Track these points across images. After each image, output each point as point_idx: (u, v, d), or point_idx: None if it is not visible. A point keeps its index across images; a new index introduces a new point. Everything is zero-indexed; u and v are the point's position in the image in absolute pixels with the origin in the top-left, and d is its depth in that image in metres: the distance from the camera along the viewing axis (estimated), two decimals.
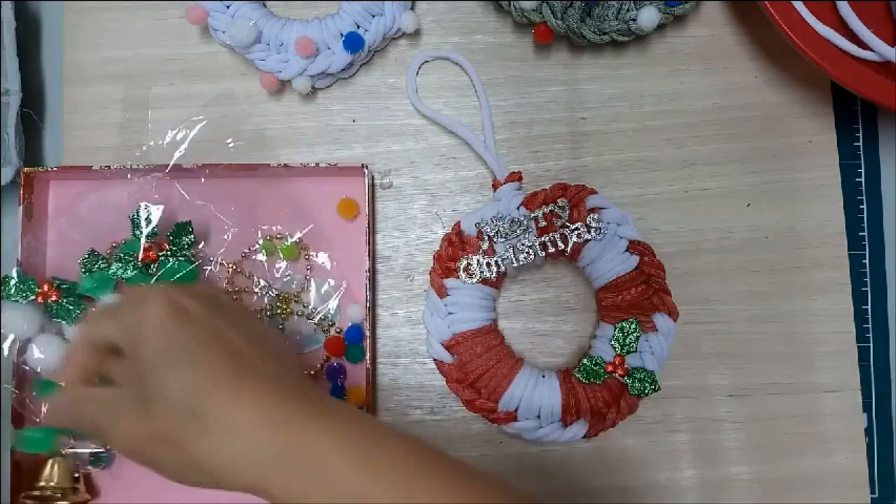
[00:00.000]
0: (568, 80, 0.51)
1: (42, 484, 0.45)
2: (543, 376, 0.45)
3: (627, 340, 0.45)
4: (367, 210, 0.47)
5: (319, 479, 0.29)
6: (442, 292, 0.46)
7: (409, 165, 0.50)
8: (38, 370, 0.45)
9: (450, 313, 0.45)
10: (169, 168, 0.47)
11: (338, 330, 0.48)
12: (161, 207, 0.47)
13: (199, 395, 0.30)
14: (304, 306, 0.48)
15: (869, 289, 0.50)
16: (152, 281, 0.46)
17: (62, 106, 0.50)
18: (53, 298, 0.45)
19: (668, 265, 0.46)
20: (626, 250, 0.46)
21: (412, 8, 0.49)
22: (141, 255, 0.46)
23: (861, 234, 0.50)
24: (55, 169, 0.47)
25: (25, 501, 0.45)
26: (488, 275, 0.45)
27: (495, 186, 0.48)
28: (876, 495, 0.49)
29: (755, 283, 0.49)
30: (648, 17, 0.46)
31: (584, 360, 0.45)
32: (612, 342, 0.45)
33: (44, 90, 0.51)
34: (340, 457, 0.30)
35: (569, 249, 0.45)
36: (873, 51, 0.46)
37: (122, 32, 0.51)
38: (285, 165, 0.47)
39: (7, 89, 0.48)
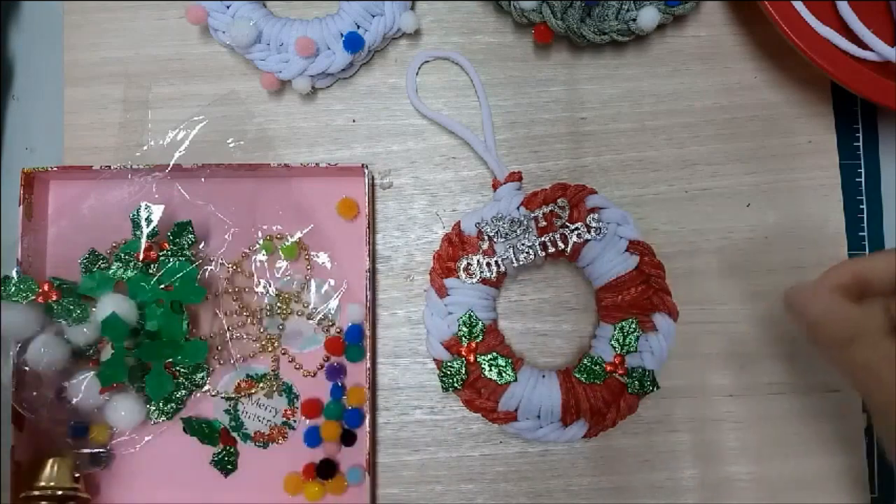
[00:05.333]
0: (568, 80, 0.51)
1: (42, 484, 0.45)
2: (543, 376, 0.45)
3: (627, 340, 0.45)
4: (367, 210, 0.47)
5: None
6: (442, 292, 0.46)
7: (409, 165, 0.50)
8: (39, 371, 0.45)
9: (450, 313, 0.45)
10: (169, 168, 0.47)
11: (338, 330, 0.48)
12: (161, 207, 0.47)
13: None
14: (304, 306, 0.48)
15: None
16: (153, 281, 0.46)
17: (62, 106, 0.51)
18: (54, 298, 0.45)
19: (668, 265, 0.46)
20: (626, 250, 0.46)
21: (412, 8, 0.49)
22: (141, 255, 0.46)
23: (861, 234, 0.50)
24: (55, 169, 0.47)
25: (25, 501, 0.45)
26: (488, 275, 0.45)
27: (495, 186, 0.48)
28: (876, 495, 0.48)
29: (755, 283, 0.49)
30: (648, 17, 0.46)
31: (584, 360, 0.45)
32: (612, 342, 0.45)
33: (44, 90, 0.51)
34: None
35: (569, 249, 0.45)
36: (873, 51, 0.46)
37: (122, 32, 0.51)
38: (285, 165, 0.47)
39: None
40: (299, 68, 0.48)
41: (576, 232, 0.45)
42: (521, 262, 0.45)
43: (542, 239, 0.45)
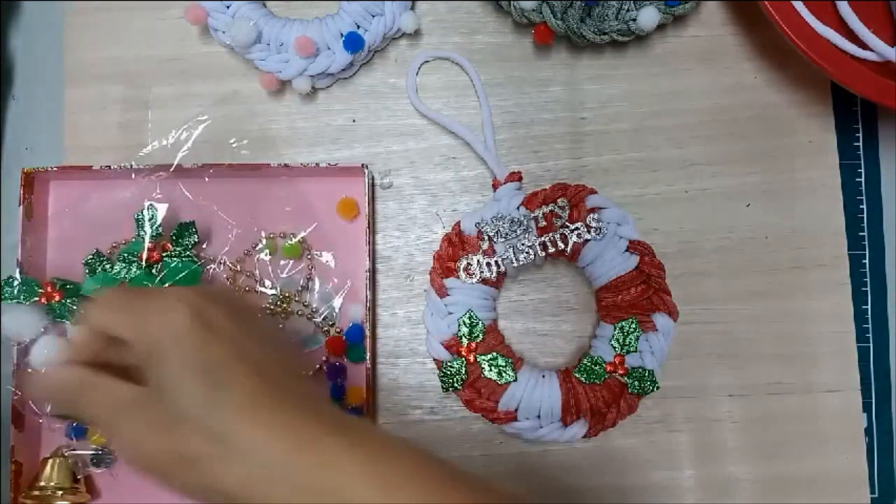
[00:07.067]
0: (568, 80, 0.51)
1: (42, 484, 0.45)
2: (543, 376, 0.45)
3: (627, 340, 0.45)
4: (367, 210, 0.47)
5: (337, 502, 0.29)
6: (442, 292, 0.46)
7: (409, 165, 0.50)
8: (42, 371, 0.45)
9: (450, 313, 0.45)
10: (172, 168, 0.47)
11: (338, 330, 0.48)
12: (165, 206, 0.47)
13: (222, 417, 0.30)
14: (304, 305, 0.48)
15: (869, 289, 0.50)
16: (156, 281, 0.46)
17: (62, 106, 0.50)
18: (56, 299, 0.45)
19: (668, 265, 0.46)
20: (626, 250, 0.46)
21: (412, 8, 0.49)
22: (144, 256, 0.46)
23: (861, 234, 0.50)
24: (55, 169, 0.47)
25: (25, 501, 0.45)
26: (488, 275, 0.45)
27: (495, 186, 0.48)
28: (876, 495, 0.49)
29: (755, 283, 0.49)
30: (648, 17, 0.46)
31: (584, 360, 0.45)
32: (612, 342, 0.45)
33: (44, 90, 0.51)
34: (359, 479, 0.29)
35: (569, 249, 0.45)
36: (873, 51, 0.46)
37: (122, 32, 0.51)
38: (285, 165, 0.47)
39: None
40: (299, 68, 0.48)
41: (576, 232, 0.45)
42: (521, 262, 0.45)
43: (542, 239, 0.45)
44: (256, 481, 0.29)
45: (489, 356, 0.45)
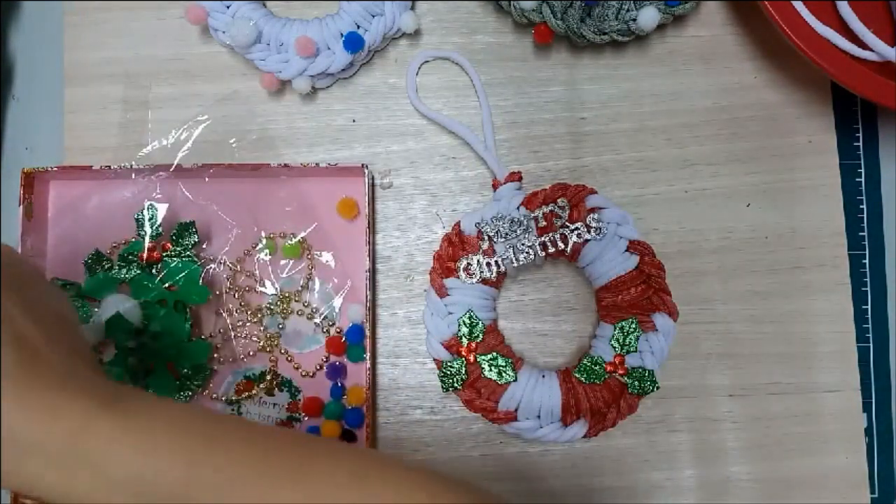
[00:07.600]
0: (568, 80, 0.51)
1: None
2: (543, 376, 0.45)
3: (627, 340, 0.45)
4: (367, 210, 0.47)
5: (99, 469, 0.28)
6: (442, 292, 0.46)
7: (409, 165, 0.50)
8: None
9: (450, 313, 0.45)
10: (172, 168, 0.47)
11: (338, 330, 0.48)
12: (165, 206, 0.47)
13: None
14: (304, 305, 0.48)
15: (869, 289, 0.50)
16: (156, 281, 0.46)
17: (62, 106, 0.51)
18: None
19: (668, 265, 0.46)
20: (626, 250, 0.46)
21: (412, 8, 0.49)
22: (145, 256, 0.46)
23: (861, 234, 0.50)
24: (55, 169, 0.47)
25: (25, 501, 0.45)
26: (488, 275, 0.45)
27: (495, 186, 0.48)
28: (876, 495, 0.49)
29: (755, 283, 0.49)
30: (648, 17, 0.46)
31: (584, 360, 0.45)
32: (612, 342, 0.45)
33: (44, 90, 0.51)
34: (113, 441, 0.28)
35: (569, 249, 0.45)
36: (873, 51, 0.46)
37: (122, 32, 0.51)
38: (285, 165, 0.47)
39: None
40: (299, 68, 0.48)
41: (576, 232, 0.45)
42: (521, 262, 0.45)
43: (542, 239, 0.45)
44: (10, 458, 0.28)
45: (489, 356, 0.45)
